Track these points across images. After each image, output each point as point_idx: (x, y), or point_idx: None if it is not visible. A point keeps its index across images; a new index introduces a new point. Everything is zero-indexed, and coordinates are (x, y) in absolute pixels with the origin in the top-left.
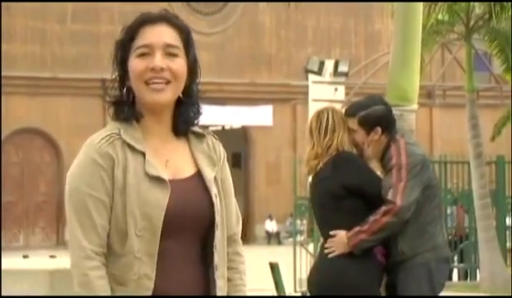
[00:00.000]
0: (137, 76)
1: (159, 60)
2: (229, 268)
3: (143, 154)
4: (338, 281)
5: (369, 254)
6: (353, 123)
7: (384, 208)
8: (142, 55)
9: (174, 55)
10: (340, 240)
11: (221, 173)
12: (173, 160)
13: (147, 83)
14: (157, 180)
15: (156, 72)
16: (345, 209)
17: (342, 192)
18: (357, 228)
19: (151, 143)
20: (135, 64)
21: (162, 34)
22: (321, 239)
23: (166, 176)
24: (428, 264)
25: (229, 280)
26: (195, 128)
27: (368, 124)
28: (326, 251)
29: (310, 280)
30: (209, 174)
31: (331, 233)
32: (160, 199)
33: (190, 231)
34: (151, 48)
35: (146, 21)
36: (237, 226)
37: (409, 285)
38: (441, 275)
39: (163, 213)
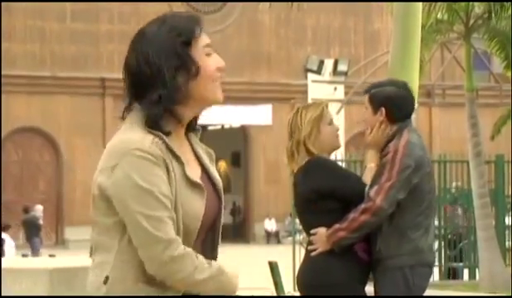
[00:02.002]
0: (211, 75)
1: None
2: None
3: (179, 158)
4: (320, 281)
5: (349, 252)
6: (366, 100)
7: (363, 205)
8: (209, 55)
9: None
10: (321, 238)
11: None
12: (190, 161)
13: (214, 81)
14: (196, 186)
15: (222, 71)
16: (319, 211)
17: (313, 196)
18: (336, 226)
19: (176, 147)
20: (209, 63)
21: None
22: None
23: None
24: (403, 269)
25: None
26: None
27: (374, 102)
28: (309, 247)
29: (297, 279)
30: (214, 172)
31: (312, 231)
32: (198, 209)
33: (201, 231)
34: (211, 48)
35: (200, 24)
36: None
37: (385, 288)
38: (420, 278)
39: (201, 217)
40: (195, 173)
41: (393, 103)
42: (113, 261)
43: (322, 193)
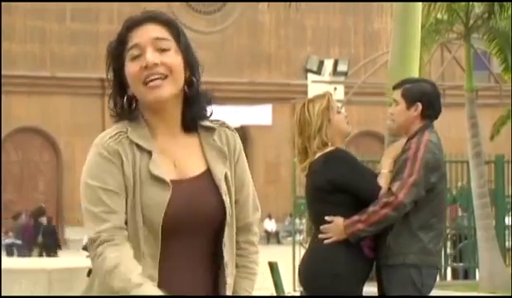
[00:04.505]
0: (134, 78)
1: (150, 55)
2: (240, 255)
3: (150, 153)
4: (319, 269)
5: (355, 247)
6: (397, 95)
7: (384, 199)
8: (135, 57)
9: (166, 50)
10: (337, 227)
11: (236, 165)
12: (182, 158)
13: (145, 83)
14: (159, 180)
15: (151, 69)
16: (332, 203)
17: (328, 187)
18: (356, 218)
19: (158, 143)
20: (129, 67)
21: (149, 31)
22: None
23: (170, 177)
24: (409, 268)
25: (238, 266)
26: (206, 122)
27: (410, 97)
28: (321, 236)
29: (299, 269)
30: (219, 171)
31: (328, 218)
32: (160, 201)
33: (197, 230)
34: (141, 48)
35: (132, 24)
36: (253, 215)
37: (394, 287)
38: (429, 278)
39: (161, 216)
40: (187, 167)
41: (428, 101)
42: None
43: (337, 185)
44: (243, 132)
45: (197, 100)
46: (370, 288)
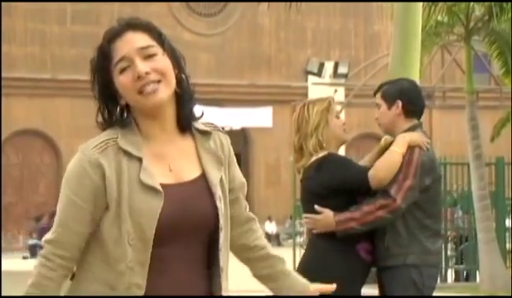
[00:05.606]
0: (128, 90)
1: (141, 65)
2: (247, 231)
3: (140, 160)
4: (316, 275)
5: (351, 251)
6: (378, 98)
7: (381, 201)
8: (124, 69)
9: (153, 55)
10: (326, 220)
11: (230, 168)
12: (177, 162)
13: (140, 92)
14: (151, 189)
15: (143, 78)
16: (328, 207)
17: (323, 191)
18: (348, 214)
19: (153, 148)
20: (121, 80)
21: (132, 41)
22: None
23: (166, 180)
24: (409, 268)
25: (254, 247)
26: (201, 125)
27: (389, 97)
28: (315, 231)
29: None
30: (214, 177)
31: (317, 208)
32: (152, 210)
33: (190, 236)
34: (128, 59)
35: (112, 36)
36: (246, 211)
37: (395, 288)
38: (430, 279)
39: (155, 224)
40: (183, 171)
41: (408, 96)
42: (80, 261)
43: (331, 187)
44: (244, 134)
45: (188, 97)
46: (371, 290)
